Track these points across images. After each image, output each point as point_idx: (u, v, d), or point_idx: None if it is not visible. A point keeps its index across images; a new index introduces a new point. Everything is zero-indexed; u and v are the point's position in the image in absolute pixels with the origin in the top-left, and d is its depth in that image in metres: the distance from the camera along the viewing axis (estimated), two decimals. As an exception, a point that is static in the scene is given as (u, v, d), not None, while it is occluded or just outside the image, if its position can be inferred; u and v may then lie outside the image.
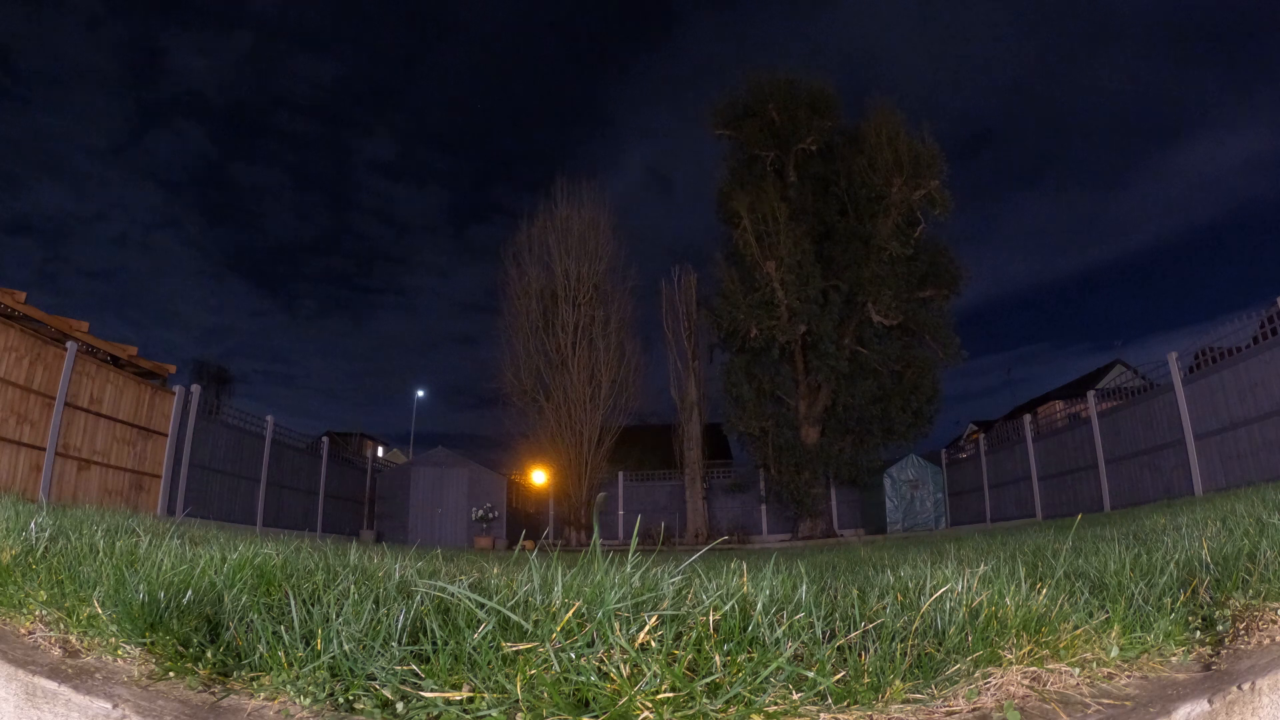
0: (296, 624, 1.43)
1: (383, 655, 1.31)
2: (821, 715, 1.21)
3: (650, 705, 1.14)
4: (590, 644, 1.24)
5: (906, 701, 1.27)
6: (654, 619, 1.29)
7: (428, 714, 1.20)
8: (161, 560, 2.08)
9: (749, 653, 1.25)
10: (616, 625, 1.26)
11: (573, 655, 1.20)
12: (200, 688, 1.42)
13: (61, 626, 1.74)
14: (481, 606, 1.35)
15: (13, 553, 2.22)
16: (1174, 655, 1.52)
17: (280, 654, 1.37)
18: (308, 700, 1.31)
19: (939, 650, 1.38)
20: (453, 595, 1.43)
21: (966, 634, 1.42)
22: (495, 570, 2.36)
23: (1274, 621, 1.58)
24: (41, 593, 1.88)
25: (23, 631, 1.77)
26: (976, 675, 1.34)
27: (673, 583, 1.54)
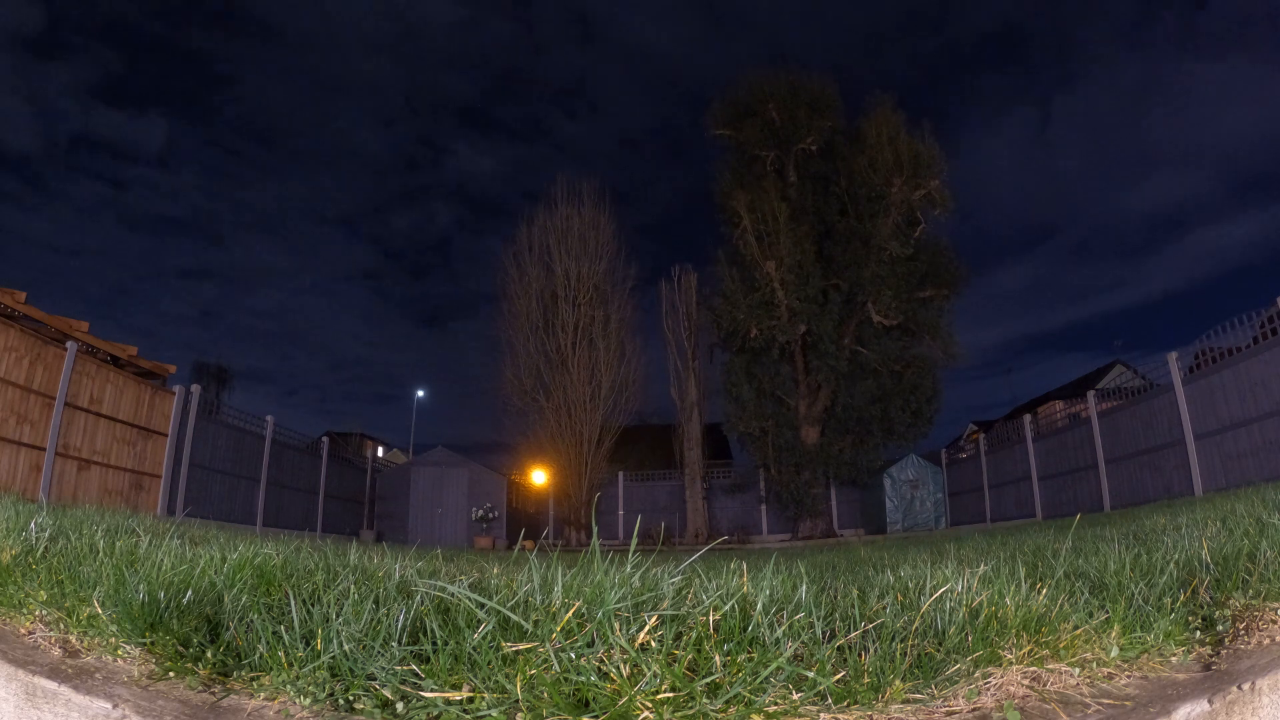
0: (296, 624, 1.43)
1: (383, 655, 1.31)
2: (821, 715, 1.21)
3: (650, 705, 1.14)
4: (590, 644, 1.24)
5: (906, 701, 1.27)
6: (654, 619, 1.29)
7: (428, 714, 1.20)
8: (161, 560, 2.08)
9: (749, 653, 1.25)
10: (616, 625, 1.26)
11: (573, 655, 1.20)
12: (200, 688, 1.42)
13: (61, 626, 1.74)
14: (481, 606, 1.35)
15: (13, 553, 2.22)
16: (1174, 655, 1.52)
17: (280, 654, 1.36)
18: (308, 700, 1.31)
19: (939, 650, 1.38)
20: (453, 595, 1.43)
21: (966, 634, 1.42)
22: (495, 570, 2.36)
23: (1274, 621, 1.58)
24: (41, 593, 1.88)
25: (23, 631, 1.77)
26: (976, 675, 1.34)
27: (673, 583, 1.54)
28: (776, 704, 1.19)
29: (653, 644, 1.24)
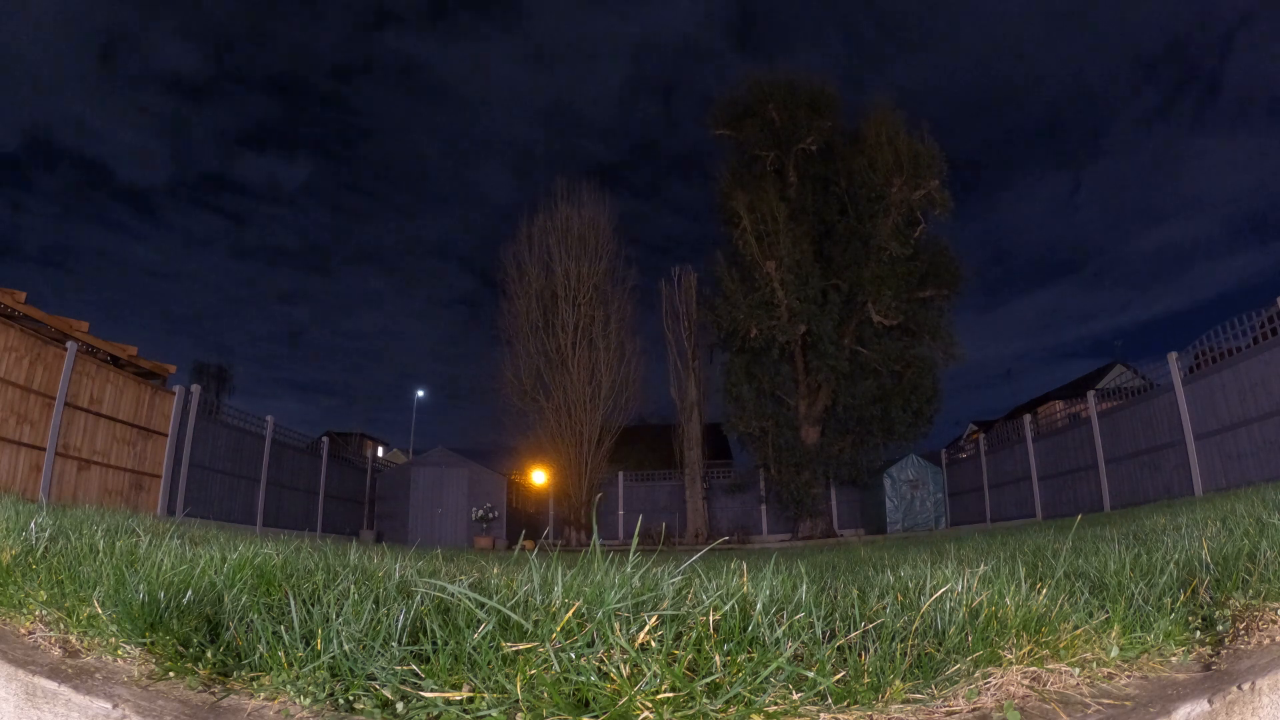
0: (296, 624, 1.43)
1: (383, 655, 1.31)
2: (821, 715, 1.21)
3: (650, 705, 1.14)
4: (590, 644, 1.24)
5: (906, 701, 1.27)
6: (654, 619, 1.29)
7: (428, 714, 1.20)
8: (161, 560, 2.08)
9: (749, 653, 1.25)
10: (616, 625, 1.26)
11: (573, 655, 1.20)
12: (200, 688, 1.42)
13: (61, 626, 1.74)
14: (481, 606, 1.35)
15: (13, 553, 2.22)
16: (1174, 655, 1.52)
17: (280, 654, 1.36)
18: (308, 700, 1.31)
19: (939, 650, 1.38)
20: (453, 595, 1.43)
21: (966, 634, 1.42)
22: (495, 570, 2.36)
23: (1274, 621, 1.58)
24: (41, 593, 1.88)
25: (23, 631, 1.77)
26: (976, 675, 1.34)
27: (673, 583, 1.54)
28: (776, 704, 1.19)
29: (653, 644, 1.24)
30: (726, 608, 1.36)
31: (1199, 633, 1.60)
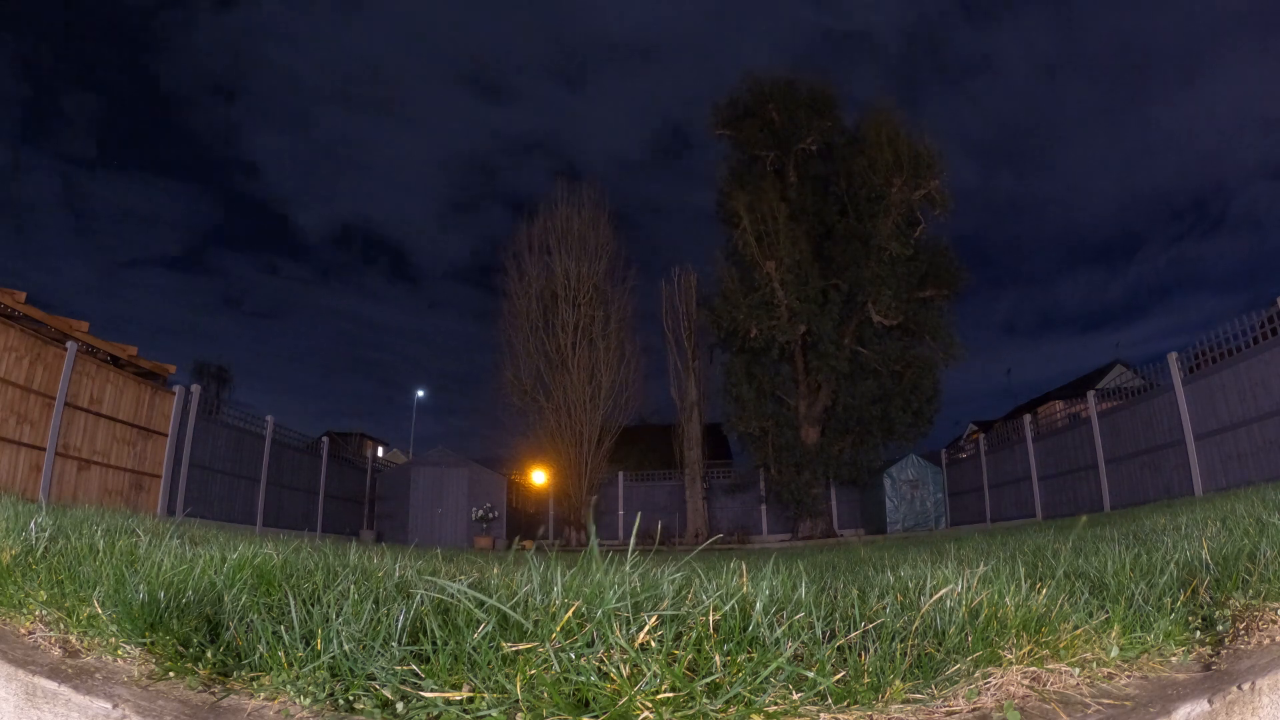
0: (296, 624, 1.43)
1: (383, 655, 1.31)
2: (821, 715, 1.21)
3: (650, 705, 1.14)
4: (590, 644, 1.24)
5: (906, 701, 1.27)
6: (654, 619, 1.28)
7: (428, 714, 1.20)
8: (161, 560, 2.08)
9: (749, 653, 1.25)
10: (616, 625, 1.26)
11: (572, 655, 1.20)
12: (200, 688, 1.42)
13: (61, 626, 1.74)
14: (481, 606, 1.35)
15: (13, 553, 2.22)
16: (1174, 655, 1.52)
17: (280, 654, 1.36)
18: (308, 700, 1.31)
19: (939, 650, 1.38)
20: (452, 595, 1.43)
21: (966, 634, 1.42)
22: (495, 570, 2.36)
23: (1274, 621, 1.58)
24: (41, 593, 1.88)
25: (23, 631, 1.77)
26: (976, 675, 1.34)
27: (672, 582, 1.54)
28: (776, 704, 1.19)
29: (652, 644, 1.24)
30: (726, 608, 1.36)
31: (1199, 633, 1.60)
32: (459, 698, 1.19)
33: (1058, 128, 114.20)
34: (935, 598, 1.54)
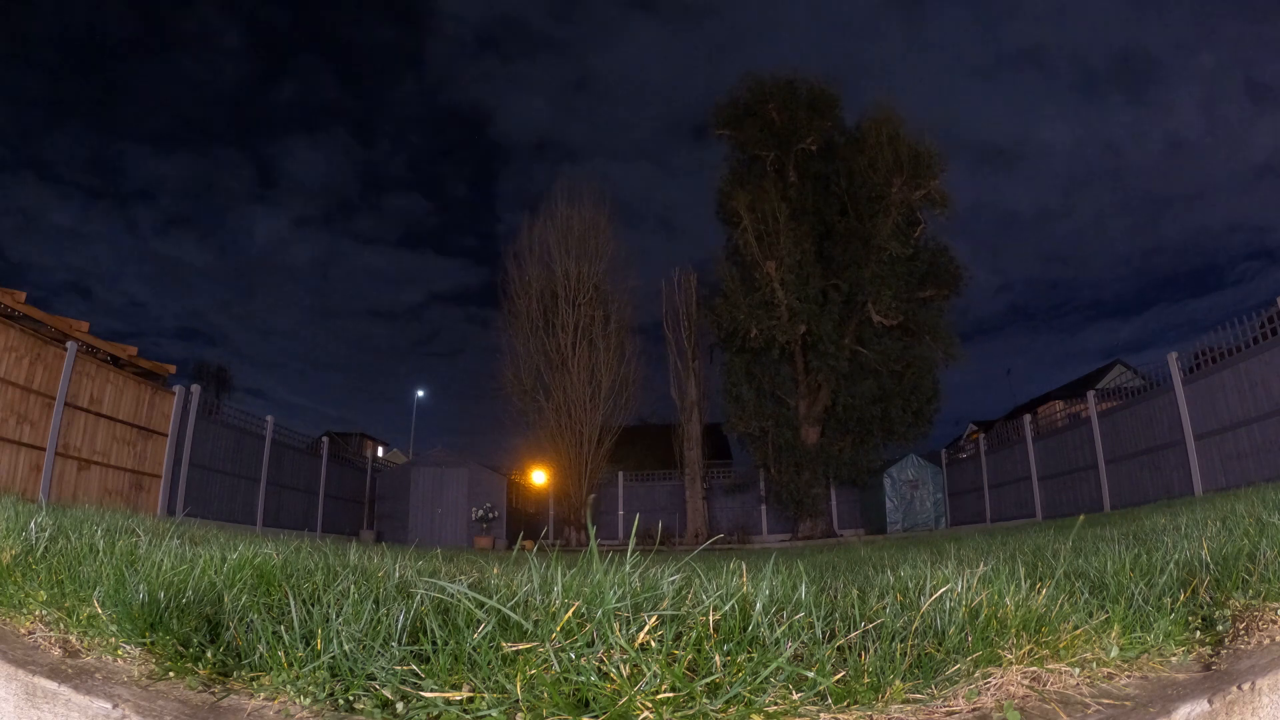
0: (296, 624, 1.43)
1: (383, 655, 1.31)
2: (821, 715, 1.21)
3: (650, 705, 1.14)
4: (590, 644, 1.24)
5: (906, 701, 1.27)
6: (654, 619, 1.28)
7: (428, 714, 1.20)
8: (161, 560, 2.08)
9: (749, 653, 1.25)
10: (616, 625, 1.26)
11: (572, 655, 1.20)
12: (200, 688, 1.42)
13: (61, 626, 1.74)
14: (481, 606, 1.35)
15: (13, 553, 2.22)
16: (1174, 655, 1.52)
17: (280, 654, 1.36)
18: (308, 700, 1.31)
19: (939, 650, 1.38)
20: (452, 595, 1.43)
21: (966, 634, 1.42)
22: (495, 570, 2.36)
23: (1274, 621, 1.57)
24: (41, 593, 1.88)
25: (23, 631, 1.77)
26: (976, 675, 1.34)
27: (672, 582, 1.54)
28: (776, 704, 1.19)
29: (652, 644, 1.24)
30: (726, 608, 1.36)
31: (1199, 633, 1.60)
32: (459, 698, 1.19)
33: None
34: (935, 597, 1.54)
